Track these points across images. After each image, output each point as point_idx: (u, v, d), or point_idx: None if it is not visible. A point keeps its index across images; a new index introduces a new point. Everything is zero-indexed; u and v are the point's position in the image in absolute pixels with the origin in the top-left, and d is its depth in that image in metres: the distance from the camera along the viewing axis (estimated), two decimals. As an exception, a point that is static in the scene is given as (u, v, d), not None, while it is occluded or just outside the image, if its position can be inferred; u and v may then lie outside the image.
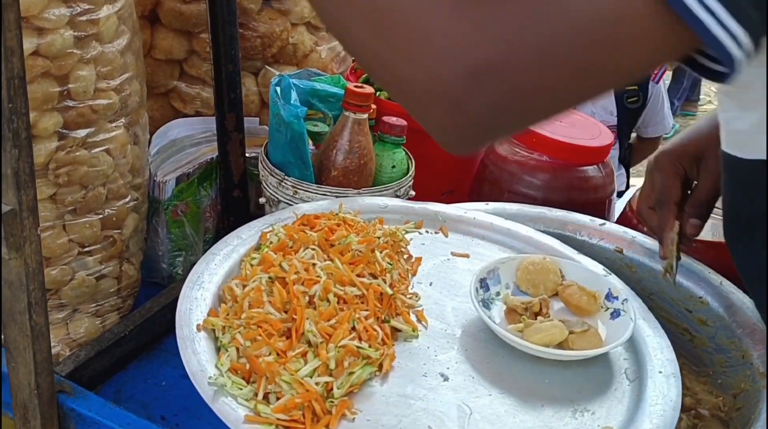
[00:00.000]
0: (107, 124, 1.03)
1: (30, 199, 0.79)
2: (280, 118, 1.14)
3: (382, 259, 0.90)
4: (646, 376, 0.81)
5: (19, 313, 0.86)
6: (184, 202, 1.26)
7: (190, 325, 0.77)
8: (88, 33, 0.94)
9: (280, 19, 1.35)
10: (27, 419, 0.94)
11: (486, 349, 0.84)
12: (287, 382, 0.70)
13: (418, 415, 0.73)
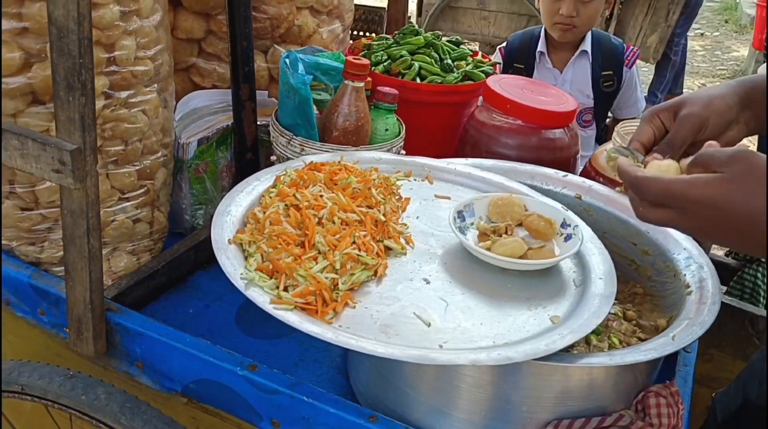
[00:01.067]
0: (143, 88, 1.22)
1: (92, 140, 0.98)
2: (290, 85, 1.32)
3: (376, 194, 1.09)
4: (589, 282, 1.00)
5: (78, 238, 1.04)
6: (204, 162, 1.45)
7: (223, 240, 0.96)
8: (130, 8, 1.13)
9: (287, 3, 1.53)
10: (81, 331, 1.13)
11: (461, 263, 1.03)
12: (302, 276, 0.89)
13: (405, 305, 0.92)
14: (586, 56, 2.14)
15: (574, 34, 2.07)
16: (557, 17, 2.01)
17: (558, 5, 1.99)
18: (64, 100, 0.94)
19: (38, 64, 1.07)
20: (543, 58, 2.15)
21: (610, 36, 2.23)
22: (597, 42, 2.16)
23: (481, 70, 1.59)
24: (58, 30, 0.90)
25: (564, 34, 2.06)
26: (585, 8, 2.00)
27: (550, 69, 2.16)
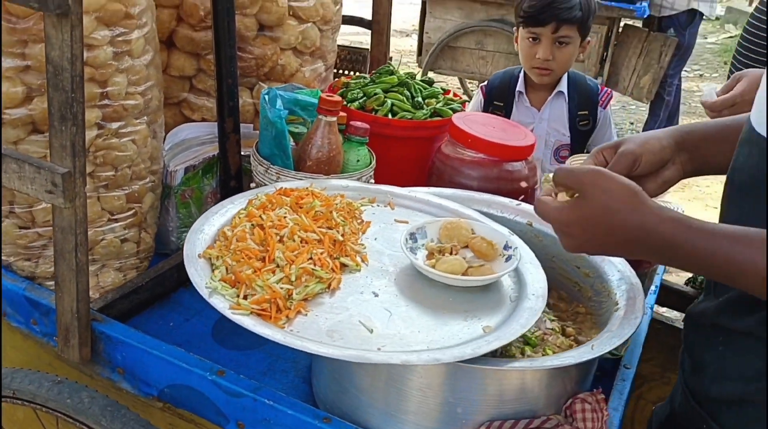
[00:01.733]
0: (134, 120, 1.35)
1: (81, 165, 1.11)
2: (268, 119, 1.45)
3: (337, 217, 1.20)
4: (524, 298, 1.11)
5: (67, 252, 1.16)
6: (191, 188, 1.58)
7: (193, 255, 1.08)
8: (123, 50, 1.27)
9: (271, 44, 1.67)
10: (68, 339, 1.24)
11: (410, 279, 1.14)
12: (260, 286, 1.00)
13: (353, 315, 1.03)
14: (562, 96, 2.25)
15: (551, 77, 2.19)
16: (534, 61, 2.13)
17: (535, 50, 2.11)
18: (58, 130, 1.08)
19: (38, 98, 1.21)
20: (522, 98, 2.27)
21: (585, 77, 2.35)
22: (573, 83, 2.27)
23: (450, 108, 1.72)
24: (54, 68, 1.04)
25: (541, 77, 2.17)
26: (560, 53, 2.12)
27: (528, 108, 2.27)
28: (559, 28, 2.06)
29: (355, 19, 2.14)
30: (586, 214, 0.88)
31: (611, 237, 0.88)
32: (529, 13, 2.08)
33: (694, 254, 0.85)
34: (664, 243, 0.86)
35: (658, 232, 0.85)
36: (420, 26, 5.49)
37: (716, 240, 0.83)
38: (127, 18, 1.25)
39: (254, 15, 1.62)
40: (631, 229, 0.86)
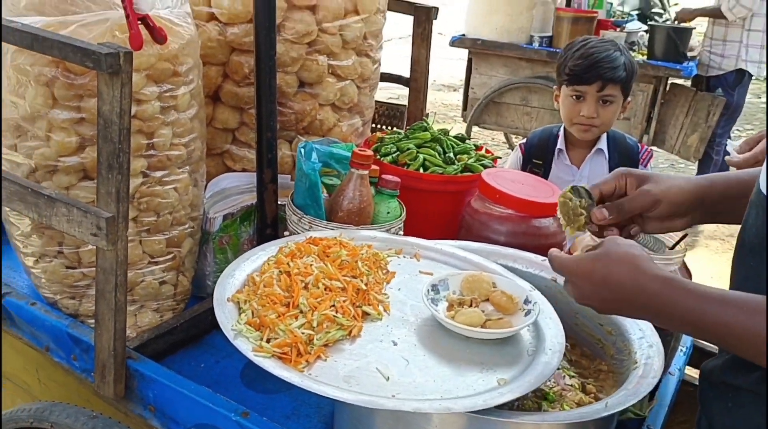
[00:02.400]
0: (177, 169, 1.43)
1: (124, 210, 1.19)
2: (302, 171, 1.52)
3: (362, 266, 1.25)
4: (541, 352, 1.12)
5: (108, 292, 1.24)
6: (228, 235, 1.65)
7: (223, 298, 1.14)
8: (169, 104, 1.36)
9: (310, 100, 1.76)
10: (104, 375, 1.31)
11: (430, 330, 1.17)
12: (283, 330, 1.05)
13: (371, 361, 1.07)
14: (602, 154, 2.26)
15: (593, 134, 2.21)
16: (578, 118, 2.15)
17: (579, 107, 2.14)
18: (105, 177, 1.16)
19: (90, 147, 1.30)
20: (561, 155, 2.29)
21: (625, 136, 2.36)
22: (613, 141, 2.29)
23: (481, 163, 1.77)
24: (104, 121, 1.13)
25: (584, 134, 2.19)
26: (604, 111, 2.15)
27: (568, 165, 2.29)
28: (604, 87, 2.10)
29: (394, 77, 2.22)
30: (589, 268, 0.95)
31: (609, 293, 0.93)
32: (574, 71, 2.12)
33: (685, 315, 0.87)
34: (655, 302, 0.89)
35: (650, 290, 0.89)
36: (465, 82, 5.59)
37: (706, 302, 0.86)
38: (174, 75, 1.34)
39: (295, 73, 1.71)
40: (625, 286, 0.91)
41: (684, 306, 0.87)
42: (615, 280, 0.92)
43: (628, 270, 0.91)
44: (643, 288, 0.90)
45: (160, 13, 1.33)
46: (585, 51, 2.14)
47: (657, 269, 0.92)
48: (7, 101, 1.29)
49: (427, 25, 2.07)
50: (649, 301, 0.90)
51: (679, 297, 0.87)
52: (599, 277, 0.93)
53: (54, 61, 1.23)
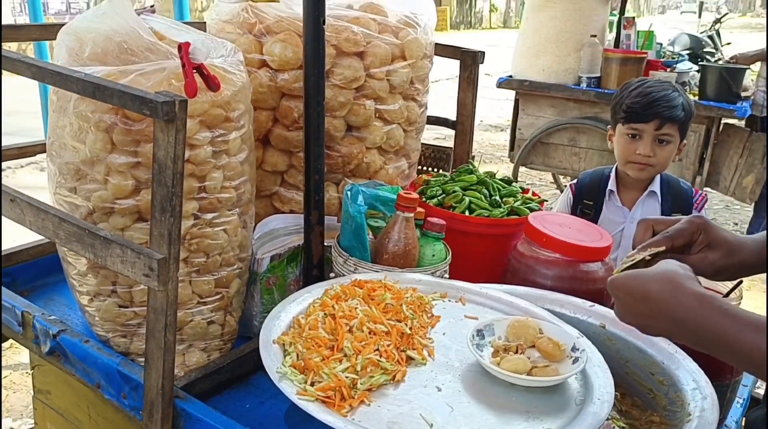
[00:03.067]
0: (227, 211, 1.47)
1: (175, 252, 1.22)
2: (348, 213, 1.54)
3: (406, 310, 1.25)
4: (589, 402, 1.10)
5: (158, 332, 1.26)
6: (275, 276, 1.67)
7: (268, 340, 1.15)
8: (221, 149, 1.40)
9: (357, 143, 1.79)
10: (152, 414, 1.33)
11: (474, 376, 1.16)
12: (327, 374, 1.05)
13: (414, 407, 1.06)
14: (655, 197, 2.22)
15: (649, 173, 2.17)
16: (634, 157, 2.12)
17: (635, 146, 2.11)
18: (158, 220, 1.20)
19: (145, 190, 1.35)
20: (612, 196, 2.26)
21: (679, 179, 2.31)
22: (666, 184, 2.25)
23: (528, 206, 1.76)
24: (159, 166, 1.17)
25: (639, 173, 2.16)
26: (661, 151, 2.12)
27: (619, 207, 2.26)
28: (661, 126, 2.08)
29: (441, 120, 2.24)
30: (631, 283, 1.00)
31: (648, 309, 0.97)
32: (633, 109, 2.10)
33: (721, 336, 0.89)
34: (691, 318, 0.91)
35: (686, 305, 0.92)
36: (513, 122, 5.60)
37: (743, 325, 0.87)
38: (226, 121, 1.39)
39: (343, 117, 1.74)
40: (664, 301, 0.95)
41: (720, 326, 0.88)
42: (655, 296, 0.95)
43: (668, 285, 0.95)
44: (680, 303, 0.93)
45: (215, 61, 1.38)
46: (643, 89, 2.13)
47: (697, 286, 0.94)
48: (69, 146, 1.35)
49: (474, 69, 2.10)
50: (685, 316, 0.92)
51: (715, 316, 0.89)
52: (641, 292, 0.97)
53: (113, 108, 1.28)
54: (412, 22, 1.81)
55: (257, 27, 1.70)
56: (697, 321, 0.90)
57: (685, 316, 0.92)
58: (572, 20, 5.12)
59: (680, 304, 0.92)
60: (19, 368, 3.56)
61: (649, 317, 0.97)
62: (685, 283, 0.94)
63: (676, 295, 0.93)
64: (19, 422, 3.16)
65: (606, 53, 5.00)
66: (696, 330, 0.91)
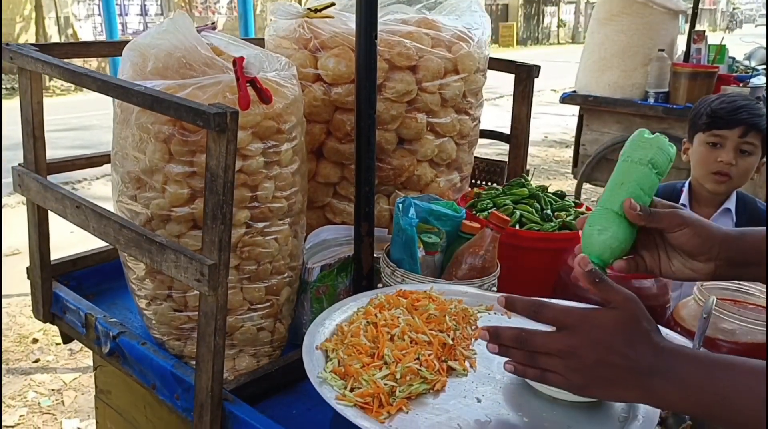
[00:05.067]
0: (278, 220, 1.51)
1: (225, 258, 1.26)
2: (400, 226, 1.56)
3: (449, 321, 1.25)
4: (633, 420, 1.07)
5: (208, 335, 1.31)
6: (325, 285, 1.70)
7: (311, 346, 1.18)
8: (273, 160, 1.45)
9: (408, 156, 1.81)
10: (202, 416, 1.37)
11: (516, 389, 1.15)
12: (366, 381, 1.07)
13: (452, 417, 1.06)
14: (729, 215, 2.13)
15: (728, 186, 2.08)
16: (714, 166, 2.04)
17: (716, 154, 2.04)
18: (210, 227, 1.24)
19: (199, 199, 1.40)
20: (684, 210, 2.19)
21: (755, 199, 2.22)
22: (742, 202, 2.15)
23: (580, 221, 1.73)
24: (211, 175, 1.22)
25: (718, 185, 2.08)
26: (742, 161, 2.04)
27: None
28: (746, 134, 2.01)
29: (495, 134, 2.24)
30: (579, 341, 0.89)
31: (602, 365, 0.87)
32: (718, 114, 2.04)
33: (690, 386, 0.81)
34: (657, 373, 0.82)
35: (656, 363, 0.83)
36: (576, 138, 5.52)
37: (715, 368, 0.79)
38: (278, 133, 1.43)
39: (395, 130, 1.77)
40: (620, 354, 0.85)
41: (688, 374, 0.80)
42: (612, 347, 0.86)
43: (626, 334, 0.86)
44: (644, 357, 0.84)
45: (268, 75, 1.42)
46: (727, 97, 2.07)
47: (660, 337, 0.87)
48: (131, 156, 1.42)
49: (528, 83, 2.09)
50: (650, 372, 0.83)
51: (682, 364, 0.81)
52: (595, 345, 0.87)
53: (171, 119, 1.34)
54: (465, 37, 1.82)
55: (312, 42, 1.74)
56: (660, 371, 0.82)
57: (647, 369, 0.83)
58: (639, 34, 5.03)
59: (635, 349, 0.84)
60: (87, 371, 3.71)
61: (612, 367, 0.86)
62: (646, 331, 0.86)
63: (631, 337, 0.85)
64: (86, 423, 3.30)
65: (675, 68, 4.88)
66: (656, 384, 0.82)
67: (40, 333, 4.09)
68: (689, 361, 0.83)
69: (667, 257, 1.07)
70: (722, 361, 0.82)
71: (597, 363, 0.86)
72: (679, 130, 4.83)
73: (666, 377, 0.82)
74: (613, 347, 0.86)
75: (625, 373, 0.85)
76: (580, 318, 0.90)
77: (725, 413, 0.80)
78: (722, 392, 0.79)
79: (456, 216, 1.65)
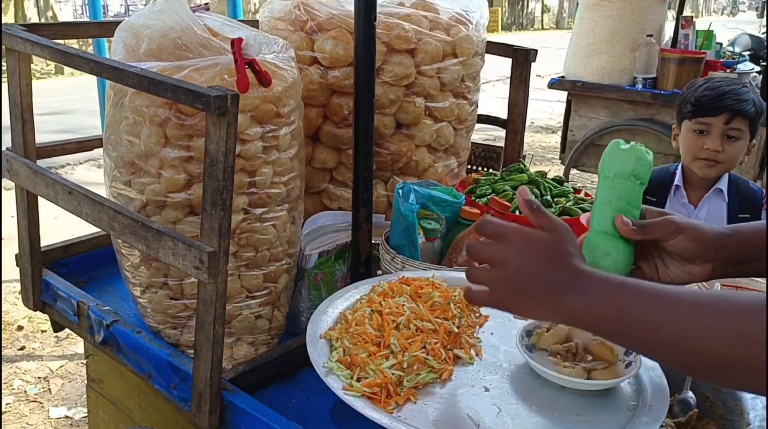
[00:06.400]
0: (276, 206, 1.48)
1: (225, 245, 1.23)
2: (400, 212, 1.53)
3: (454, 309, 1.23)
4: (641, 408, 1.06)
5: (207, 324, 1.28)
6: (323, 272, 1.67)
7: (315, 335, 1.15)
8: (271, 144, 1.41)
9: (406, 141, 1.78)
10: (200, 405, 1.34)
11: (523, 377, 1.14)
12: (373, 370, 1.05)
13: (461, 407, 1.04)
14: (721, 195, 2.14)
15: (717, 171, 2.09)
16: (701, 152, 2.05)
17: (702, 141, 2.04)
18: (209, 213, 1.21)
19: (196, 184, 1.36)
20: (678, 193, 2.19)
21: (748, 181, 2.23)
22: (734, 185, 2.16)
23: (580, 207, 1.72)
24: (211, 160, 1.18)
25: (706, 170, 2.09)
26: (729, 147, 2.04)
27: (684, 204, 2.18)
28: (731, 120, 2.01)
29: (491, 119, 2.21)
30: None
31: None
32: (701, 102, 2.04)
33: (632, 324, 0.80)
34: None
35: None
36: (564, 124, 5.51)
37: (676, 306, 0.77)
38: (277, 116, 1.39)
39: (393, 114, 1.74)
40: (540, 269, 0.87)
41: (596, 290, 0.82)
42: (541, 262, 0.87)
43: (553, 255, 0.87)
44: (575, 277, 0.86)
45: (266, 57, 1.39)
46: (712, 84, 2.06)
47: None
48: (125, 140, 1.38)
49: (526, 68, 2.06)
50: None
51: (593, 282, 0.83)
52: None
53: (167, 102, 1.30)
54: (463, 19, 1.79)
55: (309, 24, 1.71)
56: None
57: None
58: (627, 19, 5.01)
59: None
60: (74, 358, 3.67)
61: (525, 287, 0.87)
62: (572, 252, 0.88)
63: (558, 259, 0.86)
64: (74, 411, 3.26)
65: (663, 53, 4.87)
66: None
67: (25, 320, 4.02)
68: (601, 280, 0.85)
69: (664, 265, 1.05)
70: (629, 281, 0.84)
71: (518, 273, 0.88)
72: (666, 115, 4.84)
73: (576, 293, 0.85)
74: (534, 260, 0.88)
75: (541, 287, 0.86)
76: (514, 232, 0.92)
77: (624, 327, 0.81)
78: (622, 306, 0.80)
79: (455, 202, 1.63)
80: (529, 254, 0.88)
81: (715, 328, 0.74)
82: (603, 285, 0.84)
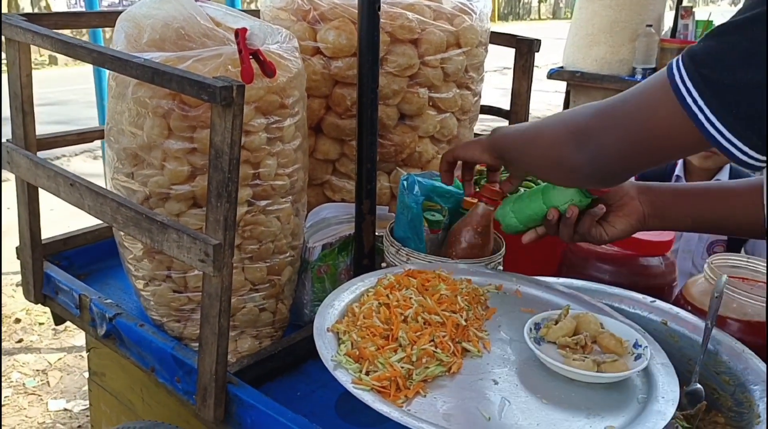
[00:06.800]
0: (280, 198, 1.46)
1: (230, 238, 1.22)
2: (405, 204, 1.52)
3: (461, 301, 1.22)
4: (652, 400, 1.06)
5: (212, 317, 1.27)
6: (326, 265, 1.66)
7: (322, 328, 1.14)
8: (275, 135, 1.40)
9: (410, 133, 1.76)
10: (205, 398, 1.33)
11: (532, 370, 1.13)
12: (382, 363, 1.04)
13: (470, 401, 1.04)
14: None
15: (714, 162, 2.10)
16: None
17: None
18: (214, 205, 1.20)
19: (200, 176, 1.35)
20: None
21: (750, 174, 2.23)
22: (736, 175, 2.17)
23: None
24: (216, 151, 1.17)
25: (703, 161, 2.09)
26: None
27: None
28: None
29: (494, 109, 2.20)
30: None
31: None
32: None
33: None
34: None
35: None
36: (563, 114, 5.49)
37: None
38: (281, 107, 1.38)
39: (396, 105, 1.72)
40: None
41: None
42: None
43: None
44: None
45: (270, 48, 1.37)
46: None
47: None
48: (127, 131, 1.36)
49: (529, 58, 2.05)
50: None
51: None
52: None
53: (171, 93, 1.29)
54: (467, 9, 1.77)
55: (311, 14, 1.68)
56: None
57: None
58: (627, 9, 4.98)
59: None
60: (73, 351, 3.66)
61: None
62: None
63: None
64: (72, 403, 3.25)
65: (662, 43, 4.86)
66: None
67: (23, 313, 4.01)
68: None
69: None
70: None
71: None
72: (665, 106, 4.82)
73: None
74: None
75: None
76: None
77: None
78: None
79: (458, 193, 1.61)
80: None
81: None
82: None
